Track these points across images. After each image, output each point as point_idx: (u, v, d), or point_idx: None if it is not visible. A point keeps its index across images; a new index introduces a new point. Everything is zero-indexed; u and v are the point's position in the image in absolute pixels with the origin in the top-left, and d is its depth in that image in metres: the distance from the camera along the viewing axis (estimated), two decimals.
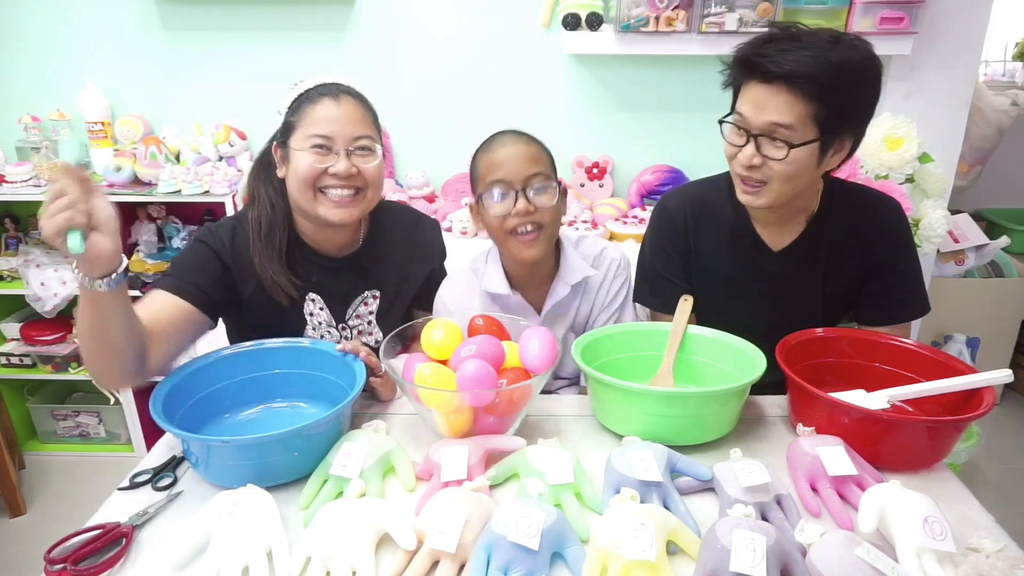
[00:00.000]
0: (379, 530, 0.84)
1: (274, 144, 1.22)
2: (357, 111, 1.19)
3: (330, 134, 1.15)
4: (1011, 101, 2.46)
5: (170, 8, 2.17)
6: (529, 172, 1.19)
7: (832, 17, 1.94)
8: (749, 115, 1.10)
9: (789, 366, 1.07)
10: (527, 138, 1.23)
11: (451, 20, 2.16)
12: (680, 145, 2.26)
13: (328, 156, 1.16)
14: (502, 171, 1.19)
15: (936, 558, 0.77)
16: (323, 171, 1.16)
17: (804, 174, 1.12)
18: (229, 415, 1.12)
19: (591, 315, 1.36)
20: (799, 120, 1.06)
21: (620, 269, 1.36)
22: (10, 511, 2.12)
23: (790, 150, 1.08)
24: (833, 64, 1.04)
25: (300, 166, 1.15)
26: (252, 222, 1.23)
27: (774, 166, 1.10)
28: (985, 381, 1.03)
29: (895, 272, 1.26)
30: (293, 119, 1.18)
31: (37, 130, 2.22)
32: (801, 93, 1.05)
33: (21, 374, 2.34)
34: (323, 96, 1.17)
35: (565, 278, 1.29)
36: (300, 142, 1.16)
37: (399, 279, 1.34)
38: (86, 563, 0.82)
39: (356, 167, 1.17)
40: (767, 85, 1.07)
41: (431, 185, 2.26)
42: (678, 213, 1.33)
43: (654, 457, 0.93)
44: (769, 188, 1.13)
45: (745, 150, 1.11)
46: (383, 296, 1.32)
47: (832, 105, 1.06)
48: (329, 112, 1.15)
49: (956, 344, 2.46)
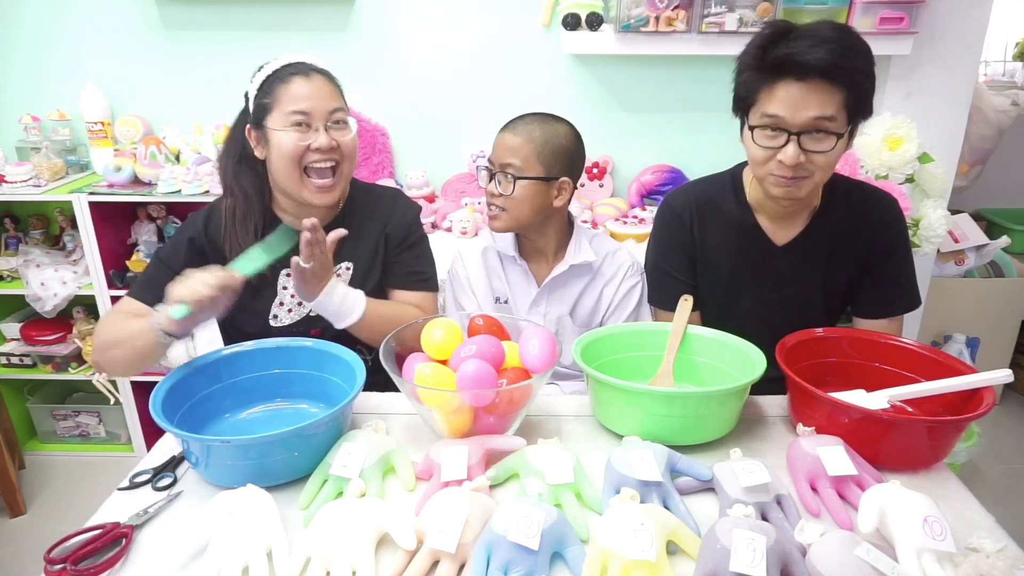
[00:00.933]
0: (379, 530, 0.84)
1: (247, 128, 1.24)
2: (328, 86, 1.23)
3: (308, 110, 1.19)
4: (1011, 101, 2.46)
5: (170, 8, 2.17)
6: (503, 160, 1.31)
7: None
8: (787, 115, 1.10)
9: (789, 366, 1.07)
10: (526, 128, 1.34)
11: (451, 20, 2.16)
12: (680, 145, 2.26)
13: (308, 132, 1.20)
14: (492, 152, 1.32)
15: (936, 558, 0.77)
16: (306, 148, 1.20)
17: (838, 160, 1.15)
18: (229, 415, 1.12)
19: (596, 308, 1.40)
20: (838, 110, 1.09)
21: (632, 270, 1.41)
22: (10, 511, 2.12)
23: (837, 140, 1.11)
24: (853, 50, 1.08)
25: (283, 145, 1.19)
26: (227, 211, 1.27)
27: (817, 159, 1.12)
28: (985, 381, 1.03)
29: (893, 266, 1.29)
30: (267, 100, 1.20)
31: (37, 130, 2.22)
32: (835, 84, 1.08)
33: (21, 374, 2.34)
34: (294, 75, 1.20)
35: (567, 258, 1.37)
36: (279, 121, 1.19)
37: (372, 250, 1.35)
38: (86, 563, 0.82)
39: (335, 140, 1.21)
40: (802, 83, 1.08)
41: (431, 185, 2.26)
42: (684, 210, 1.35)
43: (654, 457, 0.93)
44: (811, 180, 1.15)
45: (787, 150, 1.11)
46: (356, 268, 1.34)
47: (859, 91, 1.10)
48: (302, 89, 1.19)
49: (956, 344, 2.46)
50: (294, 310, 1.32)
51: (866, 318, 1.34)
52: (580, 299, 1.40)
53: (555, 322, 1.39)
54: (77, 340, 2.30)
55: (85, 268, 2.17)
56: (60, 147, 2.23)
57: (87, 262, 2.12)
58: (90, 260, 2.11)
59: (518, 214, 1.32)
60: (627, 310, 1.40)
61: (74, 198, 2.03)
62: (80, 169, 2.30)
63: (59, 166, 2.19)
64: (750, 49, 1.14)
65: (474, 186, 2.24)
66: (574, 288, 1.40)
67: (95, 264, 2.11)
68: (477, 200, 2.15)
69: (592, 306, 1.40)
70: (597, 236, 1.46)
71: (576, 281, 1.39)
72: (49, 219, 2.38)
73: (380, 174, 2.24)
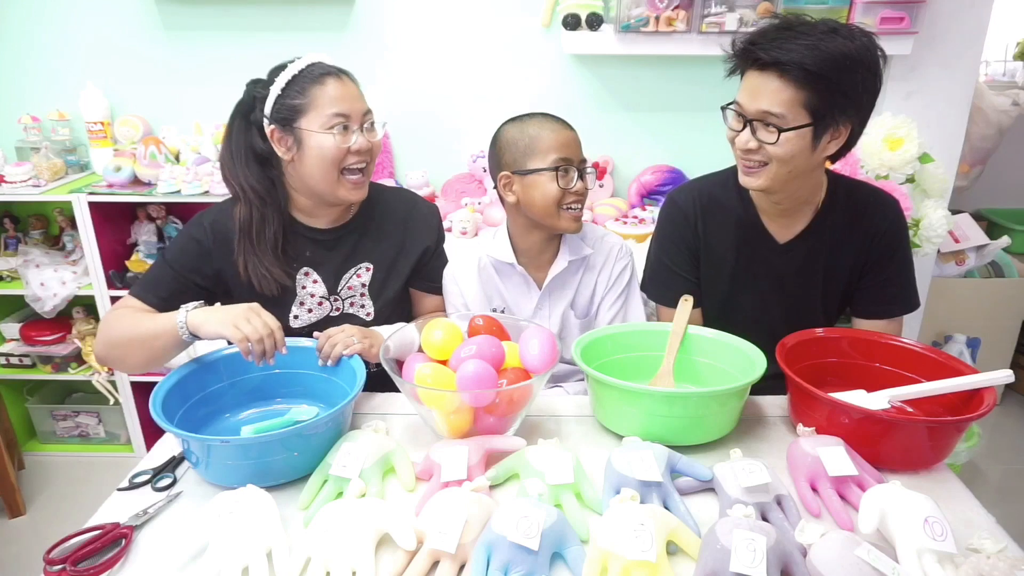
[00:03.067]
0: (379, 530, 0.84)
1: (270, 129, 1.20)
2: (356, 88, 1.24)
3: (348, 112, 1.19)
4: (1011, 101, 2.46)
5: (170, 8, 2.17)
6: (582, 156, 1.32)
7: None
8: (745, 102, 1.14)
9: (789, 366, 1.07)
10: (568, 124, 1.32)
11: (451, 20, 2.16)
12: (680, 145, 2.26)
13: (347, 134, 1.19)
14: (568, 151, 1.28)
15: (936, 558, 0.77)
16: (347, 150, 1.19)
17: (799, 156, 1.15)
18: (229, 415, 1.12)
19: (594, 295, 1.41)
20: (788, 107, 1.10)
21: (622, 252, 1.42)
22: (9, 511, 2.12)
23: (780, 134, 1.12)
24: (824, 53, 1.07)
25: (324, 147, 1.18)
26: (241, 221, 1.23)
27: (769, 149, 1.14)
28: (985, 381, 1.03)
29: (892, 266, 1.30)
30: (300, 101, 1.18)
31: (37, 130, 2.22)
32: (790, 80, 1.09)
33: (21, 374, 2.33)
34: (326, 75, 1.19)
35: (565, 254, 1.37)
36: (316, 123, 1.17)
37: (394, 254, 1.35)
38: (86, 563, 0.82)
39: (369, 141, 1.23)
40: (760, 73, 1.12)
41: (431, 185, 2.26)
42: (687, 206, 1.36)
43: (654, 457, 0.93)
44: (767, 170, 1.17)
45: (742, 135, 1.16)
46: (376, 269, 1.34)
47: (823, 92, 1.09)
48: (338, 91, 1.19)
49: (956, 344, 2.45)
50: (314, 310, 1.32)
51: (865, 319, 1.34)
52: (579, 291, 1.40)
53: (560, 319, 1.39)
54: (77, 340, 2.30)
55: (85, 268, 2.16)
56: (60, 147, 2.23)
57: (87, 262, 2.12)
58: (90, 260, 2.10)
59: None
60: (618, 291, 1.40)
61: (74, 198, 2.03)
62: (80, 169, 2.30)
63: (59, 166, 2.18)
64: (742, 35, 1.17)
65: (474, 186, 2.24)
66: (572, 282, 1.40)
67: (95, 264, 2.11)
68: (477, 200, 2.15)
69: (590, 295, 1.41)
70: (585, 226, 1.43)
71: (574, 275, 1.40)
72: (49, 219, 2.38)
73: (380, 174, 2.24)
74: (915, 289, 1.32)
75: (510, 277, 1.39)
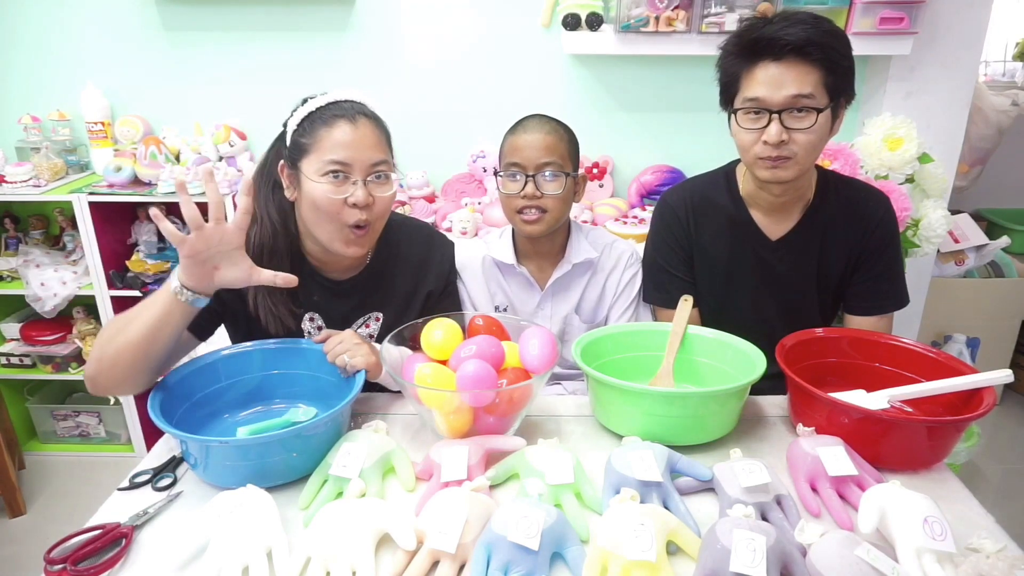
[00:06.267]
0: (379, 530, 0.84)
1: (281, 164, 1.15)
2: (373, 134, 1.12)
3: (348, 160, 1.08)
4: (1011, 101, 2.46)
5: (170, 8, 2.17)
6: (542, 160, 1.28)
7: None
8: (766, 95, 1.14)
9: (789, 366, 1.07)
10: (551, 127, 1.30)
11: (451, 20, 2.16)
12: (680, 145, 2.26)
13: (344, 185, 1.09)
14: (519, 155, 1.28)
15: (936, 558, 0.77)
16: (342, 203, 1.09)
17: (822, 142, 1.17)
18: (229, 415, 1.12)
19: (600, 301, 1.41)
20: (816, 87, 1.12)
21: (632, 260, 1.43)
22: (10, 511, 2.12)
23: (818, 115, 1.13)
24: (828, 31, 1.12)
25: (317, 198, 1.09)
26: (253, 247, 1.14)
27: (799, 138, 1.15)
28: (985, 381, 1.03)
29: (882, 262, 1.31)
30: (306, 140, 1.10)
31: (37, 130, 2.22)
32: (812, 61, 1.11)
33: (21, 374, 2.33)
34: (339, 118, 1.09)
35: (569, 257, 1.37)
36: (314, 169, 1.09)
37: (405, 301, 1.29)
38: (86, 563, 0.82)
39: (372, 196, 1.11)
40: (778, 62, 1.12)
41: (431, 185, 2.26)
42: (680, 206, 1.36)
43: (654, 457, 0.93)
44: (795, 161, 1.17)
45: (769, 129, 1.15)
46: (385, 317, 1.28)
47: (836, 69, 1.13)
48: (346, 136, 1.08)
49: (956, 344, 2.46)
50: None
51: (856, 315, 1.35)
52: (584, 295, 1.40)
53: (561, 321, 1.39)
54: (77, 340, 2.30)
55: (85, 268, 2.17)
56: (60, 147, 2.23)
57: (87, 262, 2.12)
58: (90, 260, 2.11)
59: (559, 214, 1.31)
60: (629, 298, 1.41)
61: (74, 198, 2.03)
62: (80, 169, 2.30)
63: (59, 166, 2.19)
64: (731, 37, 1.19)
65: (474, 186, 2.24)
66: (577, 285, 1.40)
67: (95, 264, 2.11)
68: (477, 200, 2.15)
69: (596, 300, 1.41)
70: (593, 231, 1.46)
71: (579, 278, 1.40)
72: (49, 219, 2.38)
73: None
74: (904, 286, 1.34)
75: (513, 276, 1.41)
